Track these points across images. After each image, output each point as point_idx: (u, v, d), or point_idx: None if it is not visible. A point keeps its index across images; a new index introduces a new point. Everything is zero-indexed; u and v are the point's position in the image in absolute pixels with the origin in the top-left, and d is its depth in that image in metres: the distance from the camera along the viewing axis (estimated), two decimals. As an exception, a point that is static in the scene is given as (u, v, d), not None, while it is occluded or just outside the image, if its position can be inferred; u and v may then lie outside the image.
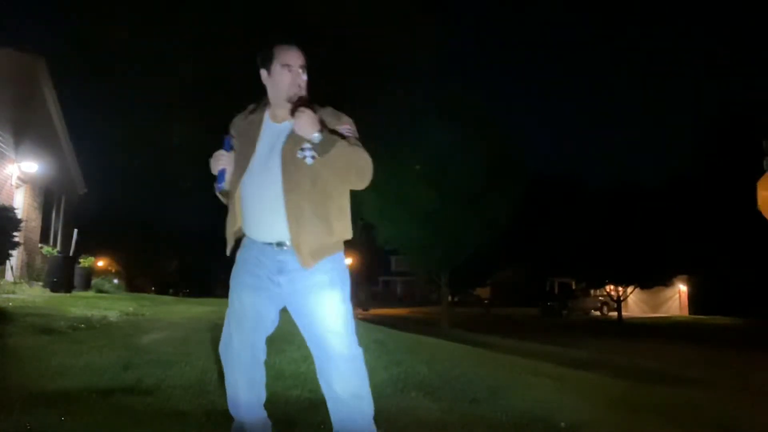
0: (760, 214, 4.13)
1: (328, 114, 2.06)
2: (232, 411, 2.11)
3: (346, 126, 2.02)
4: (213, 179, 2.12)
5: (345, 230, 2.08)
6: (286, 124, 2.04)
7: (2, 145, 11.01)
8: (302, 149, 1.96)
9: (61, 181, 14.40)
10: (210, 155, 2.12)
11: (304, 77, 2.07)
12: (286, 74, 2.04)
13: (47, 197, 13.57)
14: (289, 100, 2.03)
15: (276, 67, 2.04)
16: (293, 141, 1.98)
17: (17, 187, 11.79)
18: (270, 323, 2.08)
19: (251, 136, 2.08)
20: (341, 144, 1.93)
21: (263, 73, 2.08)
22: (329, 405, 2.07)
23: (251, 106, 2.18)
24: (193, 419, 2.53)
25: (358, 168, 1.98)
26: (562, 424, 2.97)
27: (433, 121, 16.26)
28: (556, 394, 4.02)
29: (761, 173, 4.21)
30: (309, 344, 2.09)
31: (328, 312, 2.00)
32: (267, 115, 2.10)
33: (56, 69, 13.41)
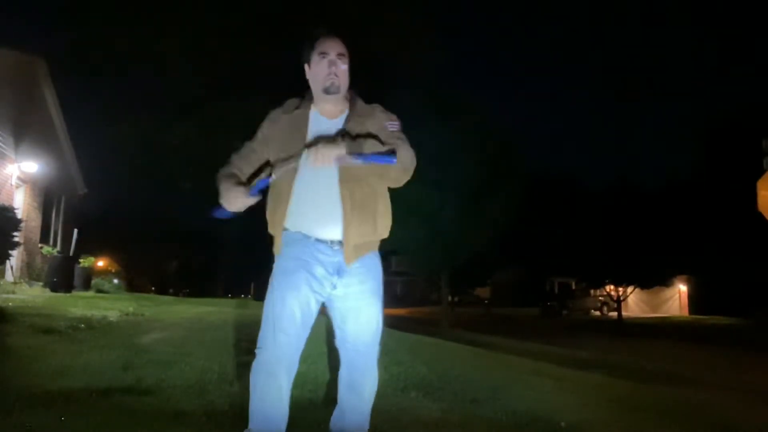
0: (760, 214, 4.14)
1: (379, 111, 2.03)
2: (259, 426, 1.86)
3: (392, 122, 1.99)
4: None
5: (386, 229, 2.03)
6: (340, 119, 2.00)
7: (2, 145, 11.01)
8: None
9: (61, 181, 14.41)
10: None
11: (343, 67, 1.96)
12: (323, 63, 1.95)
13: (47, 197, 13.57)
14: (326, 92, 1.95)
15: (314, 57, 1.96)
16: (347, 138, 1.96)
17: (17, 187, 11.79)
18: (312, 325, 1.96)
19: (300, 130, 1.98)
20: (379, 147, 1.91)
21: (306, 68, 2.01)
22: (346, 407, 2.02)
23: (294, 101, 2.06)
24: (193, 419, 2.52)
25: (397, 169, 1.92)
26: (562, 424, 2.97)
27: (433, 121, 16.25)
28: (556, 394, 4.02)
29: (761, 173, 4.22)
30: (345, 348, 2.00)
31: (373, 320, 1.98)
32: (313, 110, 2.02)
33: (56, 69, 13.41)
